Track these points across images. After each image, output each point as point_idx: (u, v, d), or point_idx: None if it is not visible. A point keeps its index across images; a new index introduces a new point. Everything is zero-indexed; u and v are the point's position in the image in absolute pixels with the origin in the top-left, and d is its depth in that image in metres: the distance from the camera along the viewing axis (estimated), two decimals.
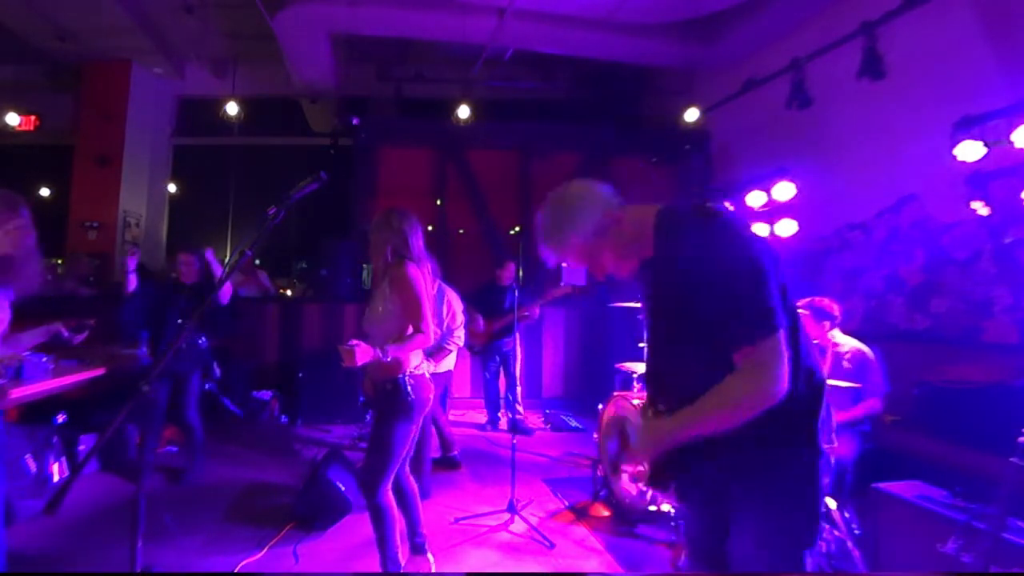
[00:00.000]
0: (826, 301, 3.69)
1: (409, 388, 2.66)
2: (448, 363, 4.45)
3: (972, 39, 4.38)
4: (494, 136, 8.23)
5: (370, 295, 2.92)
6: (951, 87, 4.48)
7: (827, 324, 3.66)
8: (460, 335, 4.42)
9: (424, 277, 2.77)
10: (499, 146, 8.25)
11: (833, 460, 3.21)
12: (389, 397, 2.68)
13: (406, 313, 2.66)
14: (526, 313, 5.69)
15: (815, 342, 3.66)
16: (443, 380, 4.54)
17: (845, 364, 3.57)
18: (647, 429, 1.59)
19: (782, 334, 1.41)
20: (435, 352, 4.24)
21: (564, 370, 7.58)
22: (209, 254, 4.68)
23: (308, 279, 9.74)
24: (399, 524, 2.81)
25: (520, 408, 5.97)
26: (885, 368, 3.56)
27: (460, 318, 4.45)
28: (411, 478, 3.02)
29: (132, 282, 4.68)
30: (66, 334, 2.70)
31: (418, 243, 2.82)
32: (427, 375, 2.81)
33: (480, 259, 7.86)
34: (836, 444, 3.19)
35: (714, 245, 1.45)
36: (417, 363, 2.75)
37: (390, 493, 2.74)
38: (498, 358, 6.07)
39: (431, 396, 2.80)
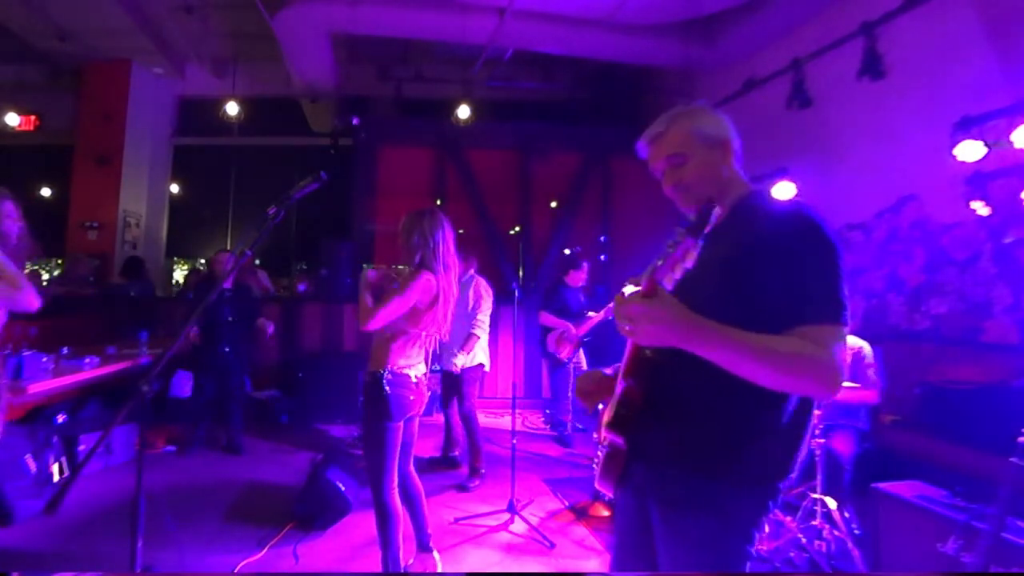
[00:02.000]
0: None
1: (386, 384, 2.68)
2: (480, 356, 4.55)
3: (972, 39, 4.38)
4: (494, 136, 8.23)
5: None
6: (951, 87, 4.48)
7: None
8: (482, 319, 4.55)
9: (440, 288, 2.79)
10: (499, 146, 8.25)
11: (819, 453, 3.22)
12: (368, 391, 2.73)
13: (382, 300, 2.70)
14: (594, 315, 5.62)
15: None
16: (476, 374, 4.60)
17: None
18: (660, 298, 1.23)
19: (846, 333, 1.26)
20: (465, 341, 4.43)
21: None
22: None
23: (308, 279, 9.73)
24: (404, 525, 2.83)
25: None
26: (882, 366, 3.56)
27: (484, 306, 4.58)
28: (416, 478, 3.04)
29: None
30: None
31: (447, 248, 2.85)
32: (414, 378, 2.79)
33: (480, 259, 7.85)
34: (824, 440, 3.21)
35: (805, 223, 1.31)
36: (405, 363, 2.77)
37: (396, 493, 2.77)
38: (571, 367, 5.77)
39: (412, 397, 2.78)
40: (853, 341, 3.64)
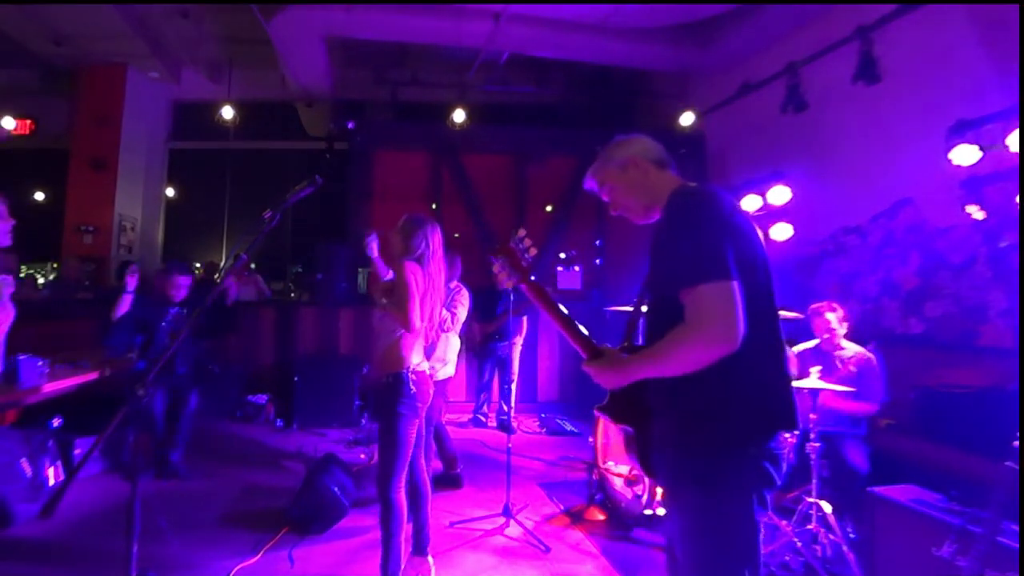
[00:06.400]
0: (835, 305, 3.77)
1: (411, 382, 2.77)
2: (447, 370, 4.42)
3: (967, 43, 4.40)
4: (489, 140, 8.23)
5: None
6: (946, 91, 4.50)
7: (846, 325, 3.74)
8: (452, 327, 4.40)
9: (425, 276, 2.86)
10: (494, 150, 8.24)
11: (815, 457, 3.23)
12: (390, 390, 2.77)
13: (396, 304, 2.79)
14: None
15: (825, 336, 3.76)
16: (440, 388, 4.48)
17: (851, 368, 3.59)
18: (606, 358, 1.63)
19: (734, 285, 1.38)
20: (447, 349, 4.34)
21: (560, 374, 7.57)
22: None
23: (303, 283, 9.73)
24: (407, 525, 2.85)
25: (507, 408, 5.95)
26: (887, 376, 3.58)
27: (454, 316, 4.42)
28: (427, 478, 3.06)
29: (124, 304, 4.27)
30: None
31: (426, 248, 2.94)
32: (428, 372, 2.93)
33: (476, 262, 7.85)
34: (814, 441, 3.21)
35: (685, 205, 1.53)
36: (419, 360, 2.87)
37: (403, 491, 2.80)
38: (493, 361, 6.43)
39: (431, 392, 2.92)
40: (858, 349, 3.67)
